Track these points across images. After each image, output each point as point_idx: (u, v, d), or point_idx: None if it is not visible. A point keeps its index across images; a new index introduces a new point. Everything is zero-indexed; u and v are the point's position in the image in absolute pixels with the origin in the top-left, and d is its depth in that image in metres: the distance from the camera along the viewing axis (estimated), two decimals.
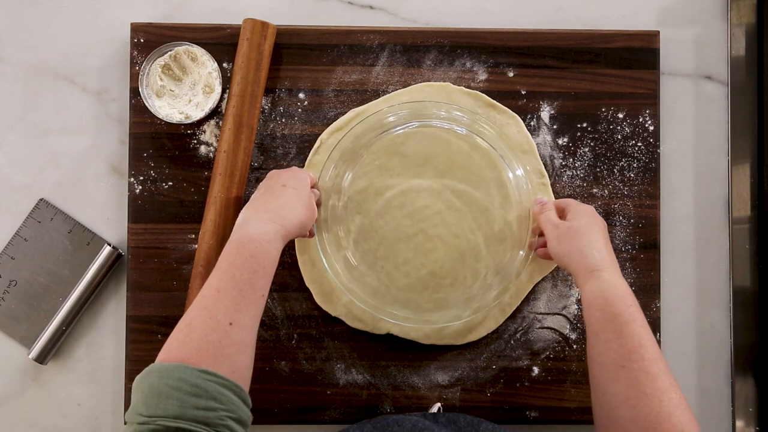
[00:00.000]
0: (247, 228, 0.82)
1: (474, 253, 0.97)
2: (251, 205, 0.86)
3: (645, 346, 0.80)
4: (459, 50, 1.00)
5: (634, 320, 0.81)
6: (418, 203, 0.97)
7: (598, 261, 0.85)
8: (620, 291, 0.83)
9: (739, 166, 1.02)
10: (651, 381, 0.78)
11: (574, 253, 0.87)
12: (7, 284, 0.99)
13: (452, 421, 0.82)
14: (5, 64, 1.01)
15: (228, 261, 0.80)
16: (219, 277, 0.79)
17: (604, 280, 0.83)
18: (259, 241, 0.81)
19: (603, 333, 0.82)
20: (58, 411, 1.00)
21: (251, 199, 0.87)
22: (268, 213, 0.84)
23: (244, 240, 0.81)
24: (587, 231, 0.87)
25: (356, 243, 0.97)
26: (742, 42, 1.02)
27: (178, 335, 0.77)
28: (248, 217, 0.84)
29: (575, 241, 0.87)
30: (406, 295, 0.97)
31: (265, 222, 0.83)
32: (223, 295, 0.78)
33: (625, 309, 0.82)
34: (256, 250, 0.81)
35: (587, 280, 0.84)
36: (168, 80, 0.98)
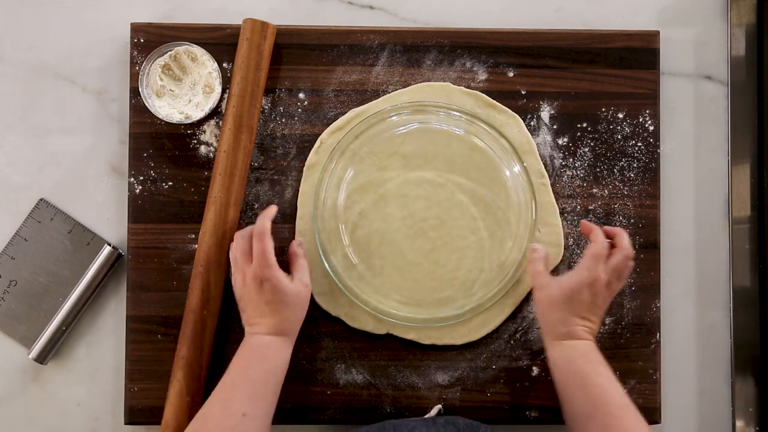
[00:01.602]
0: (256, 339, 0.89)
1: (474, 253, 0.97)
2: (249, 321, 0.90)
3: (610, 393, 0.84)
4: (459, 50, 1.00)
5: (597, 374, 0.86)
6: (419, 202, 0.97)
7: (563, 334, 0.89)
8: (581, 350, 0.88)
9: (739, 166, 1.02)
10: (619, 424, 0.82)
11: (548, 323, 0.90)
12: (7, 284, 0.99)
13: (451, 423, 0.83)
14: (5, 64, 1.01)
15: (243, 360, 0.88)
16: (234, 373, 0.87)
17: (566, 346, 0.88)
18: (270, 346, 0.88)
19: (568, 390, 0.87)
20: (58, 411, 1.00)
21: (243, 313, 0.91)
22: (268, 329, 0.89)
23: (257, 345, 0.89)
24: (569, 303, 0.89)
25: (356, 242, 0.97)
26: (742, 42, 1.02)
27: (194, 425, 0.85)
28: (253, 331, 0.89)
29: (552, 311, 0.90)
30: (406, 294, 0.97)
31: (270, 336, 0.89)
32: (238, 389, 0.86)
33: (585, 365, 0.87)
34: (269, 354, 0.88)
35: (553, 346, 0.89)
36: (168, 80, 0.98)
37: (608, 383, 0.85)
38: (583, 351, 0.88)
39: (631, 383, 0.98)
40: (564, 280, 0.89)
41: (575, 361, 0.87)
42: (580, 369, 0.87)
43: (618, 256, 0.89)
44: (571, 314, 0.88)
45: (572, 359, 0.88)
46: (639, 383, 0.98)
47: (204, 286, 0.94)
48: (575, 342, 0.88)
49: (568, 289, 0.89)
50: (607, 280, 0.89)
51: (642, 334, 0.99)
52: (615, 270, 0.89)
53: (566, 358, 0.88)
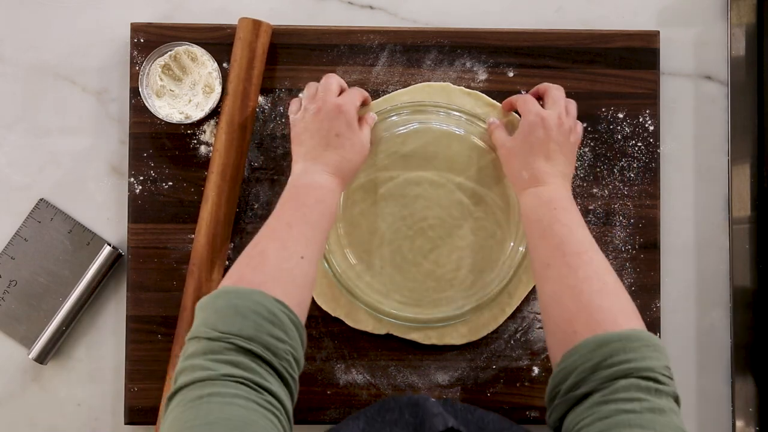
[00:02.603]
0: (312, 177, 0.86)
1: (474, 253, 0.97)
2: (309, 155, 0.87)
3: (566, 242, 0.81)
4: (459, 50, 1.00)
5: (557, 221, 0.82)
6: (419, 202, 0.97)
7: (527, 180, 0.87)
8: (545, 198, 0.85)
9: (739, 166, 1.02)
10: (572, 273, 0.78)
11: (514, 174, 0.90)
12: (7, 284, 0.99)
13: (469, 410, 0.82)
14: (5, 64, 1.01)
15: (298, 200, 0.84)
16: (290, 214, 0.82)
17: (531, 194, 0.86)
18: (326, 188, 0.85)
19: (530, 240, 0.84)
20: (58, 411, 1.00)
21: (301, 147, 0.88)
22: (328, 166, 0.87)
23: (313, 185, 0.85)
24: (526, 146, 0.88)
25: (356, 242, 0.97)
26: (742, 42, 1.02)
27: (250, 262, 0.79)
28: (309, 168, 0.87)
29: (513, 161, 0.89)
30: (406, 294, 0.97)
31: (327, 174, 0.86)
32: (296, 230, 0.81)
33: (547, 213, 0.84)
34: (324, 195, 0.85)
35: (521, 197, 0.88)
36: (168, 80, 0.98)
37: (568, 229, 0.82)
38: (547, 198, 0.85)
39: None
40: (517, 130, 0.90)
41: (537, 209, 0.85)
42: (541, 217, 0.84)
43: (551, 92, 0.92)
44: (529, 155, 0.88)
45: (535, 207, 0.85)
46: None
47: (196, 285, 0.94)
48: (540, 189, 0.86)
49: (520, 133, 0.89)
50: (556, 114, 0.89)
51: None
52: (556, 103, 0.90)
53: (529, 207, 0.86)
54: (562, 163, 0.88)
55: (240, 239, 0.98)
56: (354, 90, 0.93)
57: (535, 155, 0.88)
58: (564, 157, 0.89)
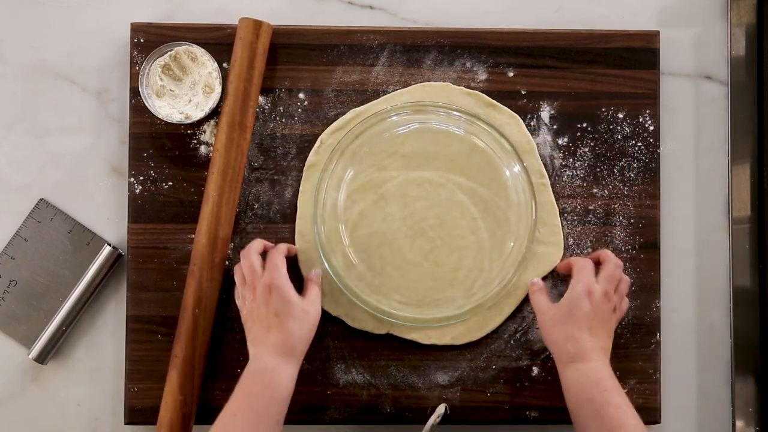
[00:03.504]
0: (261, 361, 0.87)
1: (474, 253, 0.97)
2: (256, 339, 0.89)
3: (623, 426, 0.83)
4: (459, 50, 1.00)
5: (609, 403, 0.84)
6: (419, 202, 0.97)
7: (572, 354, 0.87)
8: (593, 377, 0.86)
9: (739, 166, 1.02)
10: None
11: (556, 344, 0.89)
12: (7, 284, 0.99)
13: None
14: (5, 64, 1.01)
15: (244, 389, 0.86)
16: (237, 403, 0.85)
17: (577, 370, 0.87)
18: (274, 371, 0.86)
19: (581, 418, 0.85)
20: (58, 411, 1.00)
21: (249, 334, 0.90)
22: (273, 348, 0.87)
23: (260, 371, 0.86)
24: (571, 318, 0.88)
25: (356, 242, 0.97)
26: (742, 42, 1.02)
27: None
28: (258, 353, 0.88)
29: (556, 330, 0.89)
30: (406, 294, 0.97)
31: (274, 356, 0.87)
32: (240, 419, 0.83)
33: (598, 394, 0.85)
34: (272, 380, 0.86)
35: (563, 370, 0.88)
36: (168, 80, 0.98)
37: (623, 414, 0.83)
38: (596, 378, 0.86)
39: (631, 383, 0.98)
40: (562, 299, 0.90)
41: (588, 390, 0.86)
42: (593, 398, 0.85)
43: (608, 266, 0.91)
44: (574, 328, 0.88)
45: (584, 387, 0.86)
46: (639, 383, 0.98)
47: (197, 285, 0.94)
48: (586, 366, 0.87)
49: (566, 303, 0.89)
50: (604, 290, 0.89)
51: (642, 334, 0.99)
52: (608, 279, 0.90)
53: (578, 385, 0.87)
54: (603, 339, 0.89)
55: (240, 239, 0.98)
56: (274, 254, 0.91)
57: (579, 328, 0.88)
58: (606, 333, 0.89)
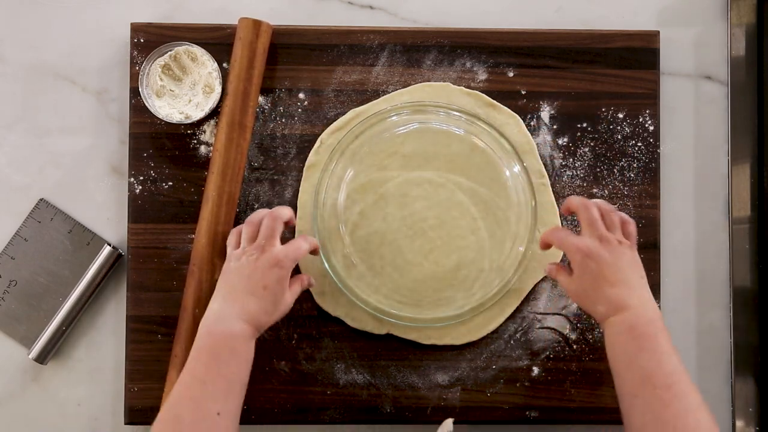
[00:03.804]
0: (227, 323, 0.84)
1: (474, 253, 0.97)
2: (230, 295, 0.85)
3: (655, 374, 0.79)
4: (459, 50, 1.00)
5: (643, 350, 0.81)
6: (419, 202, 0.97)
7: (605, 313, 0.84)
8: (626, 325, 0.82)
9: (739, 166, 1.02)
10: (664, 408, 0.77)
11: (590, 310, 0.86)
12: (7, 284, 0.99)
13: None
14: (5, 64, 1.01)
15: (212, 353, 0.82)
16: (204, 370, 0.81)
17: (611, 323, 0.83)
18: (240, 337, 0.83)
19: (615, 370, 0.82)
20: (58, 411, 1.00)
21: (226, 285, 0.86)
22: (245, 314, 0.84)
23: (227, 334, 0.83)
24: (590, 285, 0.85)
25: (356, 242, 0.97)
26: (742, 42, 1.02)
27: (165, 427, 0.79)
28: (226, 313, 0.85)
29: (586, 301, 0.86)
30: (406, 295, 0.97)
31: (243, 322, 0.84)
32: (210, 387, 0.80)
33: (630, 342, 0.81)
34: (239, 345, 0.83)
35: (603, 328, 0.85)
36: (168, 80, 0.98)
37: (656, 360, 0.80)
38: (629, 325, 0.81)
39: None
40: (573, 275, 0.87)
41: (620, 340, 0.82)
42: (624, 348, 0.81)
43: (582, 213, 0.87)
44: (595, 290, 0.84)
45: (617, 337, 0.82)
46: None
47: (197, 285, 0.94)
48: (619, 317, 0.82)
49: (575, 274, 0.86)
50: (596, 241, 0.85)
51: None
52: (590, 224, 0.86)
53: (612, 337, 0.83)
54: (630, 279, 0.84)
55: None
56: (300, 241, 0.89)
57: (599, 288, 0.84)
58: (629, 270, 0.85)
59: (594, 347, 0.98)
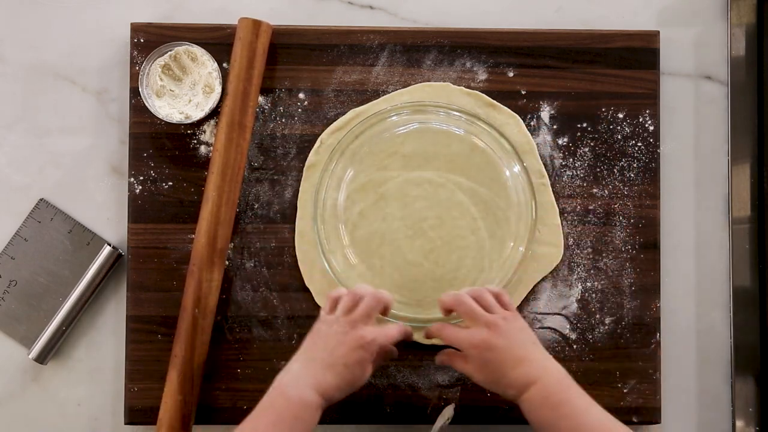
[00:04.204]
0: (301, 390, 0.82)
1: (474, 253, 0.97)
2: (311, 363, 0.83)
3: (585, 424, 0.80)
4: (459, 50, 1.00)
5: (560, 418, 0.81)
6: (419, 202, 0.97)
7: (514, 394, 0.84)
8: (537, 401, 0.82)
9: (739, 166, 1.02)
10: None
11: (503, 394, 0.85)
12: (7, 284, 0.99)
13: None
14: (5, 64, 1.01)
15: (279, 415, 0.80)
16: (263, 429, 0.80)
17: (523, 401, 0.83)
18: (309, 406, 0.81)
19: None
20: (58, 411, 1.00)
21: (310, 350, 0.84)
22: (320, 386, 0.82)
23: (297, 402, 0.81)
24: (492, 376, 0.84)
25: (356, 242, 0.97)
26: (742, 42, 1.02)
27: None
28: (302, 378, 0.82)
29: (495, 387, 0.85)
30: (406, 294, 0.97)
31: (315, 393, 0.82)
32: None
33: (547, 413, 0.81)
34: (304, 413, 0.81)
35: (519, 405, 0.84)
36: (168, 80, 0.98)
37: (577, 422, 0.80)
38: (541, 397, 0.82)
39: (631, 383, 0.98)
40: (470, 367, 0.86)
41: (538, 415, 0.82)
42: (545, 421, 0.81)
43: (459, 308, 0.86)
44: (499, 379, 0.84)
45: (535, 414, 0.82)
46: (639, 383, 0.98)
47: (196, 285, 0.94)
48: (530, 394, 0.82)
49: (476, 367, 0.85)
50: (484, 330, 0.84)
51: (642, 334, 0.99)
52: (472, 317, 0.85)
53: (531, 414, 0.83)
54: (527, 353, 0.84)
55: (240, 239, 0.98)
56: (393, 328, 0.87)
57: (503, 374, 0.83)
58: (522, 344, 0.84)
59: (594, 347, 0.98)
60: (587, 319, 0.99)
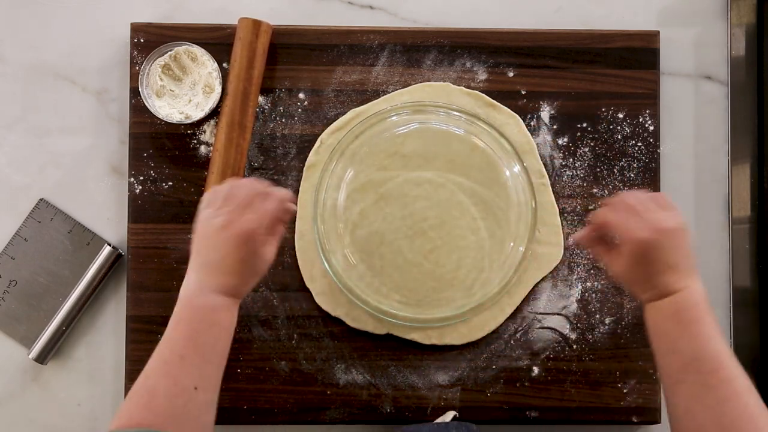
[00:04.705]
0: (207, 297, 0.79)
1: (474, 253, 0.97)
2: (205, 269, 0.80)
3: (699, 358, 0.76)
4: (459, 50, 1.00)
5: (686, 334, 0.77)
6: (419, 202, 0.97)
7: (650, 297, 0.80)
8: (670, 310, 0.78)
9: (739, 166, 1.02)
10: (710, 393, 0.74)
11: (637, 293, 0.82)
12: (7, 284, 0.99)
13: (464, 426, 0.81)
14: (5, 64, 1.01)
15: (190, 325, 0.78)
16: (182, 343, 0.77)
17: (653, 307, 0.80)
18: (220, 308, 0.79)
19: (658, 354, 0.79)
20: (58, 411, 1.00)
21: (200, 255, 0.80)
22: (224, 288, 0.80)
23: (207, 307, 0.79)
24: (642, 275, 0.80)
25: (356, 242, 0.97)
26: (742, 42, 1.02)
27: (138, 400, 0.74)
28: (204, 285, 0.79)
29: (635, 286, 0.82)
30: (406, 294, 0.97)
31: (223, 295, 0.79)
32: (188, 361, 0.76)
33: (673, 326, 0.78)
34: (218, 317, 0.79)
35: (645, 310, 0.81)
36: (168, 80, 0.98)
37: (700, 344, 0.76)
38: (673, 310, 0.78)
39: (631, 383, 0.98)
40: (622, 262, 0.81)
41: (662, 324, 0.78)
42: (667, 331, 0.78)
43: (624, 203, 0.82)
44: (646, 279, 0.80)
45: (659, 321, 0.79)
46: (639, 383, 0.98)
47: None
48: (664, 302, 0.79)
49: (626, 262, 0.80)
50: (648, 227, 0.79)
51: (642, 334, 0.98)
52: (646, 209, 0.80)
53: (654, 321, 0.79)
54: (680, 263, 0.79)
55: None
56: (273, 201, 0.82)
57: (649, 275, 0.79)
58: (681, 254, 0.80)
59: (594, 347, 0.98)
60: (587, 319, 0.99)
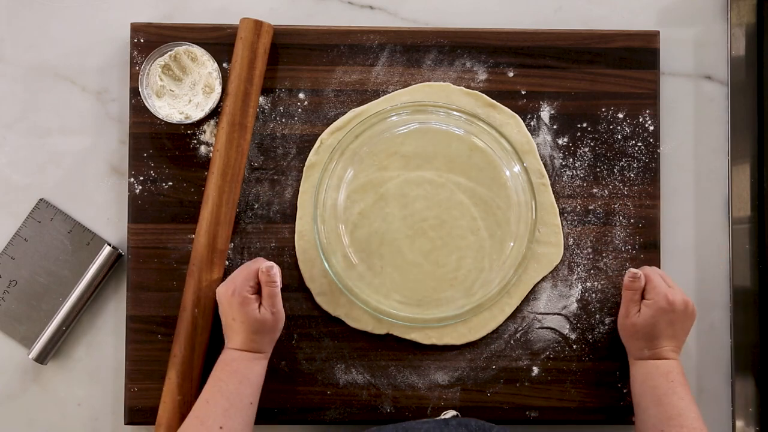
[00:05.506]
0: (227, 353, 0.91)
1: (474, 253, 0.97)
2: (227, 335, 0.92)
3: (684, 415, 0.86)
4: (459, 50, 1.00)
5: (674, 393, 0.87)
6: (419, 202, 0.97)
7: (648, 355, 0.91)
8: (662, 370, 0.90)
9: (739, 166, 1.02)
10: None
11: (634, 348, 0.93)
12: (7, 284, 0.99)
13: (464, 424, 0.82)
14: (5, 64, 1.01)
15: (214, 376, 0.89)
16: (208, 390, 0.88)
17: (647, 364, 0.91)
18: (241, 360, 0.90)
19: (643, 403, 0.89)
20: (58, 411, 1.00)
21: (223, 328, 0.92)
22: (236, 344, 0.90)
23: (228, 359, 0.90)
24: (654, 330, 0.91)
25: (356, 242, 0.97)
26: (742, 42, 1.02)
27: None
28: (228, 344, 0.92)
29: (639, 339, 0.92)
30: (406, 294, 0.97)
31: (236, 351, 0.90)
32: (212, 404, 0.87)
33: (663, 382, 0.89)
34: (239, 366, 0.89)
35: (635, 365, 0.93)
36: (168, 80, 0.98)
37: (685, 404, 0.87)
38: (665, 370, 0.90)
39: None
40: (644, 312, 0.91)
41: (654, 378, 0.90)
42: (658, 385, 0.89)
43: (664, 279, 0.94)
44: (655, 338, 0.91)
45: (652, 376, 0.90)
46: None
47: (196, 285, 0.94)
48: (658, 362, 0.91)
49: (649, 315, 0.91)
50: (681, 299, 0.91)
51: None
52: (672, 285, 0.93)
53: (646, 374, 0.91)
54: (680, 339, 0.92)
55: (240, 239, 0.98)
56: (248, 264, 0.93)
57: (659, 337, 0.91)
58: (684, 334, 0.92)
59: (594, 347, 0.98)
60: (587, 319, 0.99)
